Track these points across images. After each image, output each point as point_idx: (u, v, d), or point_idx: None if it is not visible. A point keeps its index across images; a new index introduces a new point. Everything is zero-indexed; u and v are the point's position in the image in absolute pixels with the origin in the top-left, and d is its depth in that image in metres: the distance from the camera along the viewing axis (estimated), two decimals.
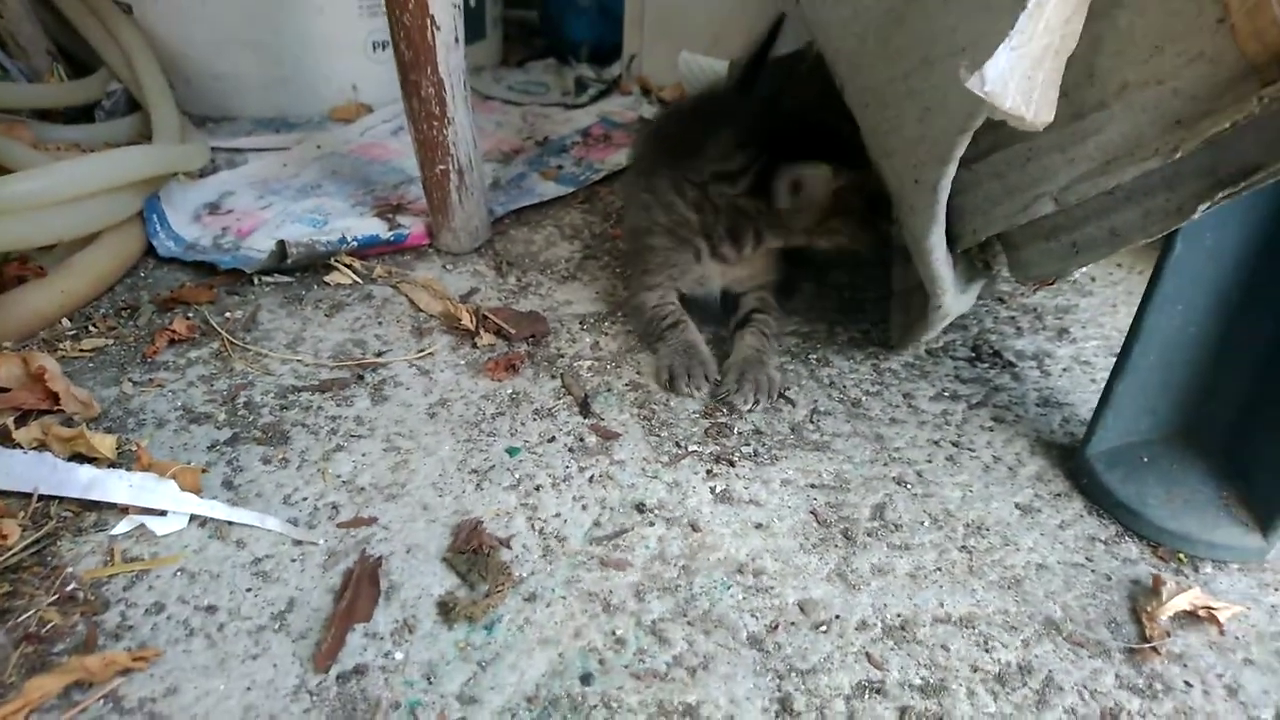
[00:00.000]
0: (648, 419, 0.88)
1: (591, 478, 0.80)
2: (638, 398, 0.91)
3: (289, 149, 1.39)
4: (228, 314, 0.99)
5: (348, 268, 1.08)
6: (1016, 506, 0.80)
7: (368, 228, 1.14)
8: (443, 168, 1.07)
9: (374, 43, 1.52)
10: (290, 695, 0.59)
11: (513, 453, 0.82)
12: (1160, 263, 0.73)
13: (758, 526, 0.76)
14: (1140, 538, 0.77)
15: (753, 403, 0.89)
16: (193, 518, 0.72)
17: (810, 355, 1.00)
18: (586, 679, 0.62)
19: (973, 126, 0.65)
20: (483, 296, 1.07)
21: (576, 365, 0.95)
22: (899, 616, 0.68)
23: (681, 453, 0.83)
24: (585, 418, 0.87)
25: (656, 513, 0.76)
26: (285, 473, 0.78)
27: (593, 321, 1.03)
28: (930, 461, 0.85)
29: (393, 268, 1.10)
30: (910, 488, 0.81)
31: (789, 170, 0.87)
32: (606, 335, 1.01)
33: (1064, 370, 1.00)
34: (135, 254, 1.06)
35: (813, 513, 0.77)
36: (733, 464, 0.82)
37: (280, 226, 1.16)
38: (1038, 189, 0.71)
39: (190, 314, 0.99)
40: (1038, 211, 0.71)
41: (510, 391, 0.90)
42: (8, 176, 0.92)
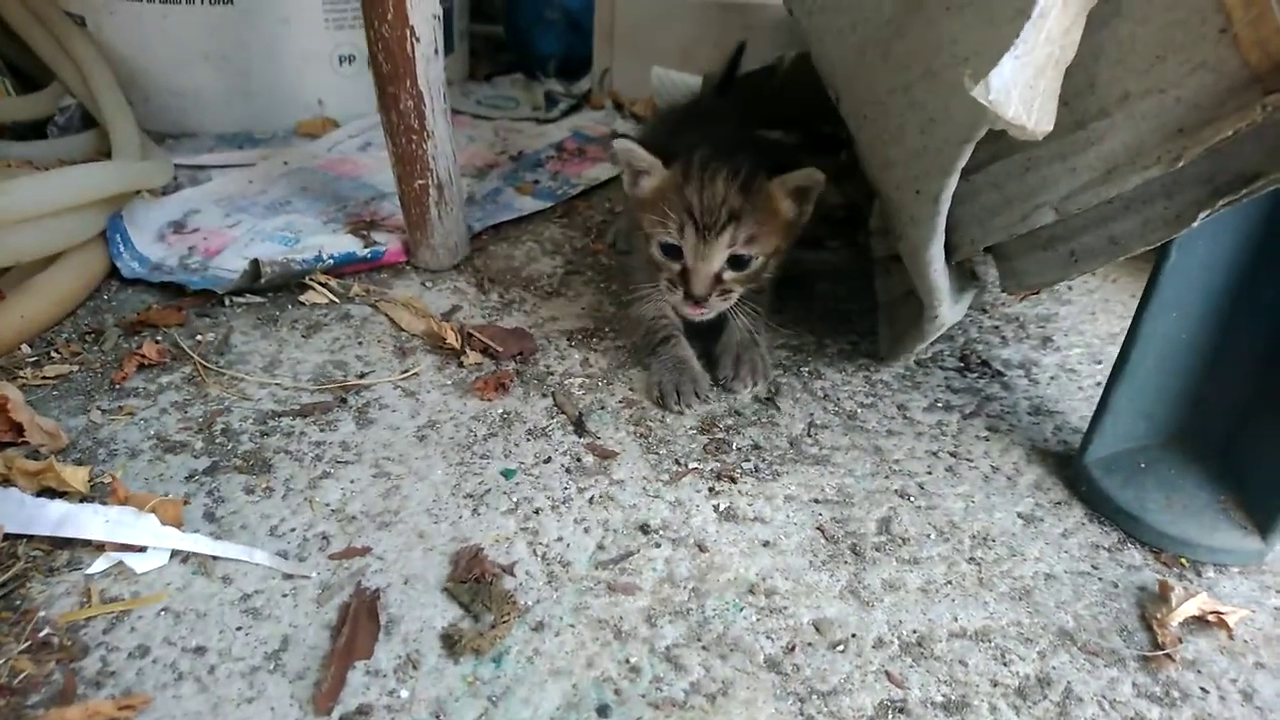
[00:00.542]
0: (644, 436, 0.86)
1: (592, 499, 0.78)
2: (633, 415, 0.89)
3: (254, 165, 1.35)
4: (199, 337, 0.95)
5: (324, 286, 1.04)
6: (1019, 516, 0.80)
7: (343, 245, 1.10)
8: (422, 182, 1.04)
9: (340, 56, 1.49)
10: None
11: (508, 475, 0.79)
12: (1156, 270, 0.74)
13: (765, 544, 0.74)
14: (1142, 543, 0.78)
15: (751, 385, 0.92)
16: (174, 553, 0.68)
17: (802, 368, 0.99)
18: (603, 710, 0.59)
19: (976, 136, 0.65)
20: (465, 314, 1.04)
21: (567, 383, 0.93)
22: (915, 633, 0.67)
23: (682, 470, 0.82)
24: (580, 437, 0.85)
25: (661, 533, 0.74)
26: (270, 502, 0.74)
27: (580, 338, 1.01)
28: (931, 473, 0.84)
29: (370, 286, 1.07)
30: (913, 500, 0.80)
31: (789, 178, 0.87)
32: (596, 351, 0.99)
33: (1051, 378, 1.01)
34: (98, 275, 1.01)
35: (819, 529, 0.76)
36: (734, 480, 0.81)
37: (250, 245, 1.11)
38: (1037, 199, 0.71)
39: (159, 337, 0.94)
40: (1038, 221, 0.71)
41: (501, 411, 0.88)
42: None
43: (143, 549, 0.68)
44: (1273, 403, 0.76)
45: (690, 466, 0.82)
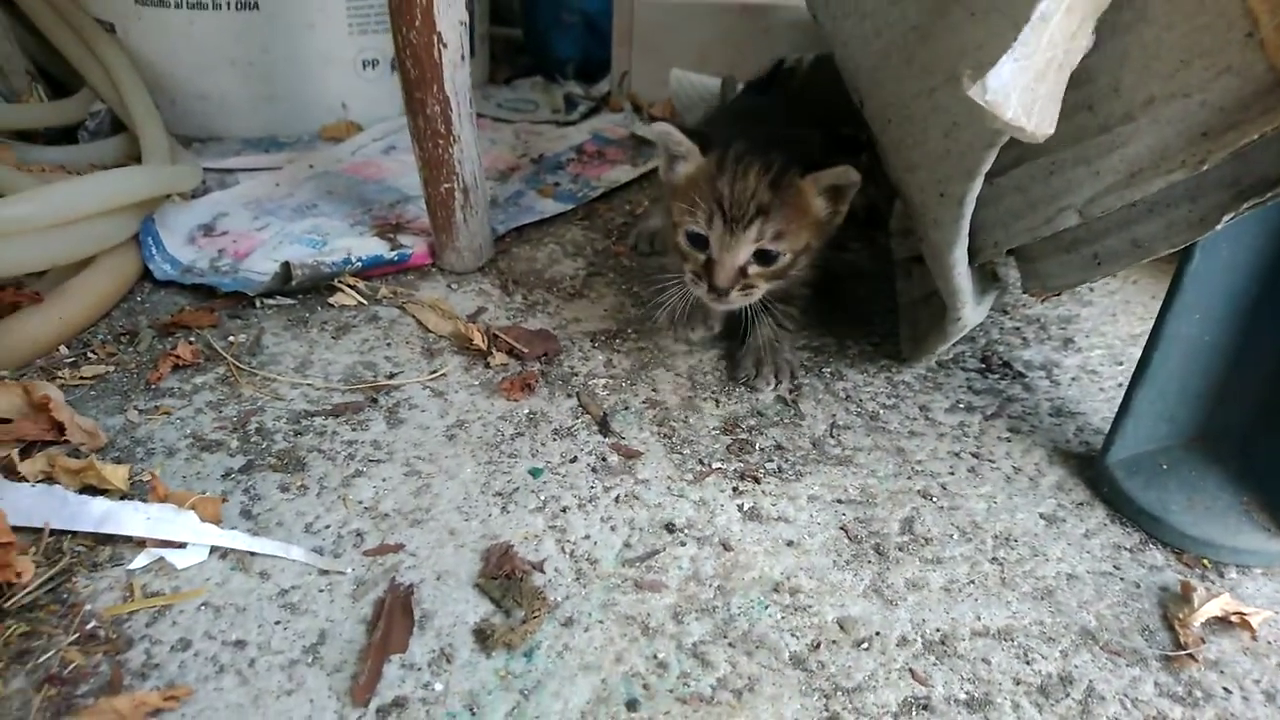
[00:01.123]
0: (668, 437, 0.87)
1: (617, 498, 0.79)
2: (656, 415, 0.90)
3: (281, 169, 1.37)
4: (231, 338, 0.97)
5: (352, 289, 1.06)
6: (1041, 517, 0.80)
7: (370, 248, 1.12)
8: (448, 186, 1.06)
9: (364, 61, 1.51)
10: None
11: (536, 474, 0.81)
12: (1179, 273, 0.74)
13: (789, 544, 0.75)
14: (1164, 544, 0.78)
15: (774, 384, 0.93)
16: (213, 549, 0.70)
17: (824, 369, 1.00)
18: (632, 705, 0.60)
19: (1000, 141, 0.66)
20: (491, 316, 1.05)
21: (591, 383, 0.94)
22: (938, 631, 0.68)
23: (706, 470, 0.83)
24: (605, 437, 0.86)
25: (686, 532, 0.75)
26: (305, 500, 0.76)
27: (604, 339, 1.02)
28: (953, 474, 0.85)
29: (397, 288, 1.09)
30: (936, 500, 0.81)
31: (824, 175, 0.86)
32: (619, 353, 1.00)
33: (1073, 379, 1.01)
34: (132, 278, 1.03)
35: (843, 528, 0.77)
36: (758, 480, 0.82)
37: (278, 247, 1.13)
38: (1061, 202, 0.72)
39: (192, 338, 0.96)
40: (1061, 224, 0.72)
41: (527, 411, 0.89)
42: (1, 200, 0.89)
43: (182, 545, 0.69)
44: None
45: (714, 466, 0.83)
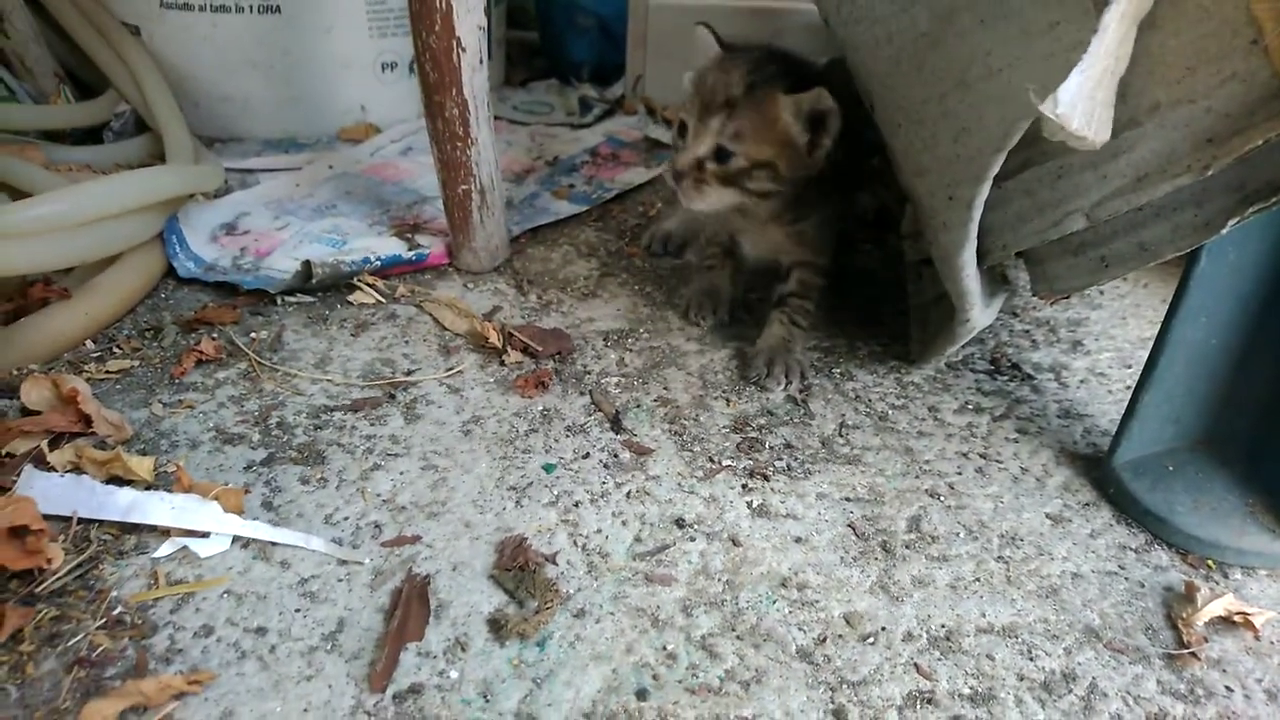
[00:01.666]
0: (679, 434, 0.88)
1: (629, 493, 0.80)
2: (667, 413, 0.91)
3: (301, 169, 1.40)
4: (253, 334, 0.99)
5: (370, 287, 1.08)
6: (1047, 516, 0.81)
7: (389, 247, 1.14)
8: (465, 188, 1.08)
9: (383, 63, 1.53)
10: (348, 716, 0.59)
11: (549, 469, 0.82)
12: (1185, 277, 0.75)
13: (797, 540, 0.76)
14: (1169, 545, 0.79)
15: (784, 384, 0.96)
16: (235, 539, 0.72)
17: (834, 369, 1.01)
18: (642, 694, 0.62)
19: (1009, 145, 0.67)
20: (506, 315, 1.07)
21: (604, 382, 0.96)
22: (943, 627, 0.69)
23: (716, 467, 0.84)
24: (617, 434, 0.88)
25: (696, 527, 0.77)
26: (325, 492, 0.78)
27: (616, 338, 1.04)
28: (960, 473, 0.86)
29: (415, 287, 1.11)
30: (943, 500, 0.82)
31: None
32: (631, 352, 1.02)
33: (1081, 382, 1.02)
34: (156, 275, 1.06)
35: (850, 526, 0.78)
36: (767, 478, 0.83)
37: (299, 246, 1.16)
38: (1069, 205, 0.73)
39: (215, 334, 0.98)
40: (1069, 227, 0.73)
41: (541, 408, 0.91)
42: (31, 199, 0.91)
43: (206, 535, 0.71)
44: None
45: (724, 464, 0.85)
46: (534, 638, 0.65)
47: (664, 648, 0.65)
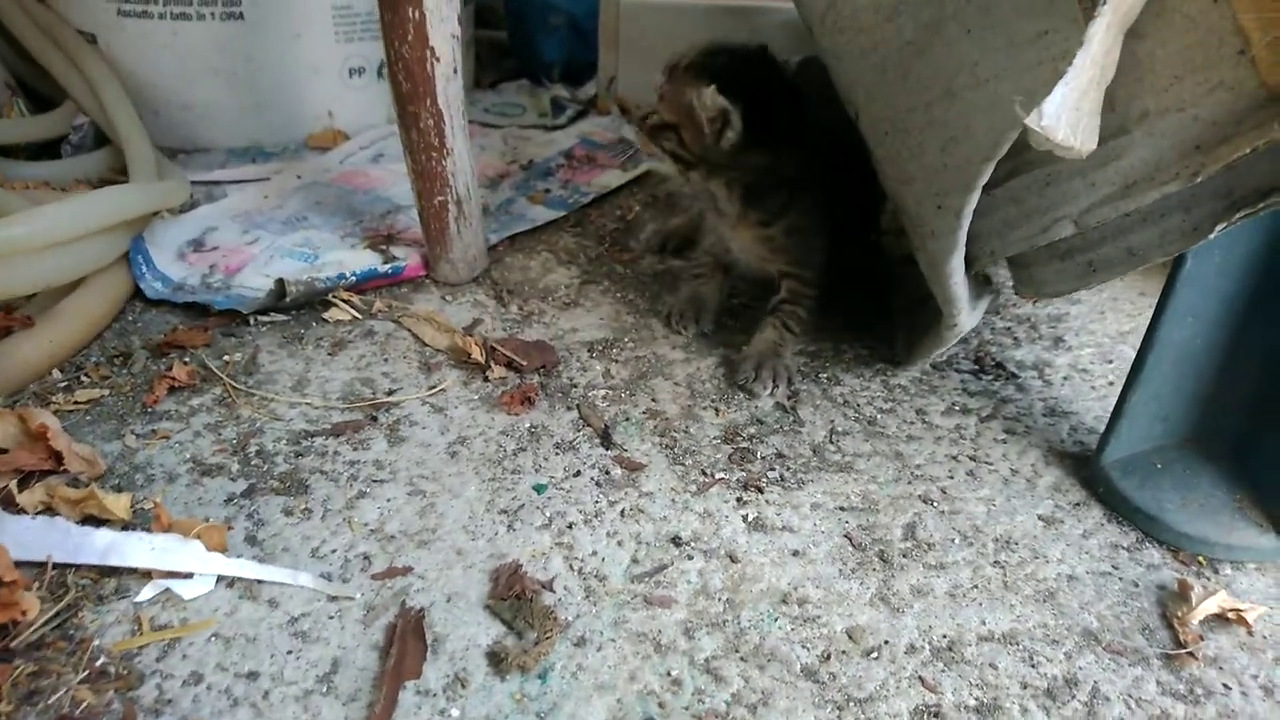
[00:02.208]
0: (670, 447, 0.87)
1: (622, 512, 0.79)
2: (657, 426, 0.90)
3: (268, 180, 1.36)
4: (226, 357, 0.96)
5: (346, 303, 1.05)
6: (1040, 518, 0.82)
7: (363, 261, 1.12)
8: (441, 199, 1.06)
9: (351, 68, 1.49)
10: None
11: (540, 490, 0.81)
12: (1172, 278, 0.76)
13: (795, 554, 0.76)
14: (1160, 543, 0.80)
15: (771, 388, 0.96)
16: (219, 578, 0.70)
17: (820, 374, 1.00)
18: None
19: (998, 155, 0.67)
20: (487, 328, 1.05)
21: (591, 395, 0.95)
22: (945, 637, 0.69)
23: (709, 480, 0.83)
24: (607, 449, 0.87)
25: (693, 545, 0.76)
26: (310, 524, 0.76)
27: (601, 349, 1.03)
28: (952, 477, 0.86)
29: (391, 301, 1.08)
30: (936, 505, 0.82)
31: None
32: (617, 362, 1.00)
33: (1064, 379, 1.03)
34: (123, 297, 1.02)
35: (846, 536, 0.78)
36: (761, 490, 0.82)
37: (270, 262, 1.13)
38: (1057, 212, 0.72)
39: (187, 358, 0.95)
40: (1057, 234, 0.73)
41: (529, 425, 0.89)
42: None
43: (189, 575, 0.69)
44: None
45: (717, 477, 0.84)
46: (535, 670, 0.64)
47: (668, 673, 0.65)
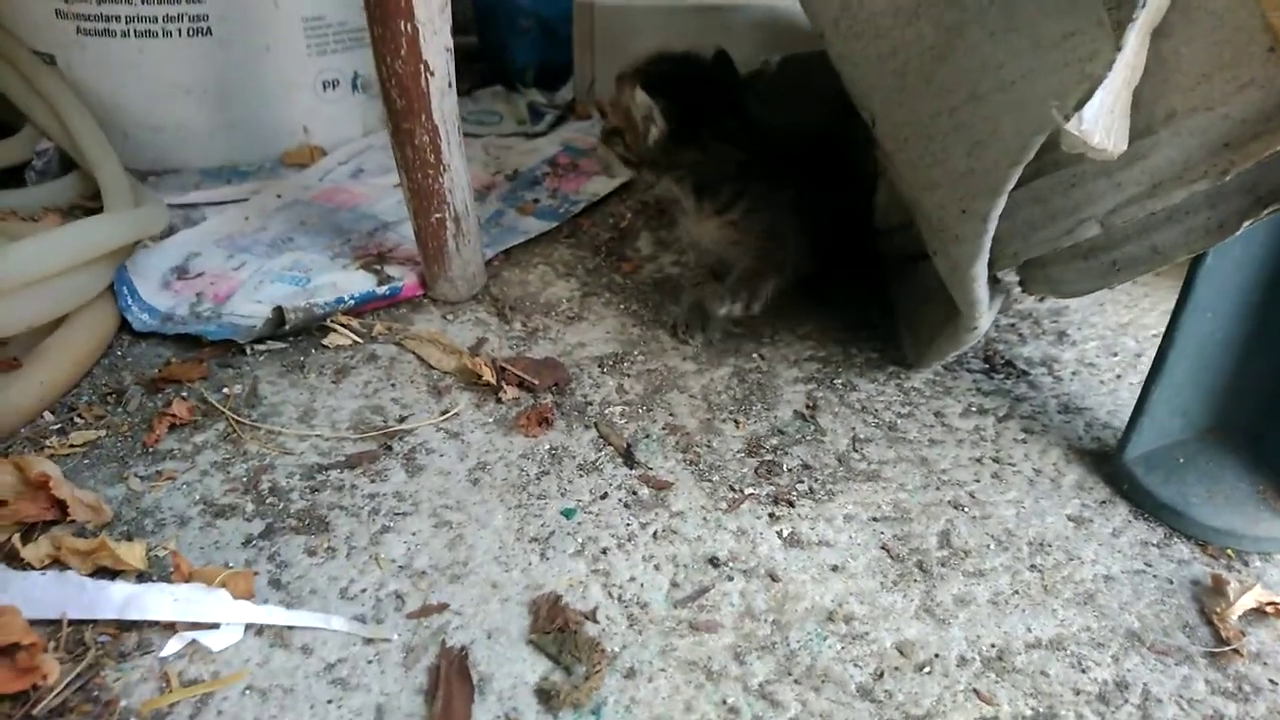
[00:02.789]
0: (694, 463, 0.86)
1: (655, 534, 0.78)
2: (679, 441, 0.89)
3: (248, 200, 1.31)
4: (225, 390, 0.93)
5: (346, 328, 1.02)
6: (1069, 518, 0.82)
7: (358, 283, 1.08)
8: (439, 216, 1.03)
9: (324, 82, 1.45)
10: None
11: (569, 514, 0.79)
12: (1192, 273, 0.76)
13: (835, 569, 0.75)
14: (1188, 537, 0.80)
15: (690, 333, 1.05)
16: (248, 626, 0.67)
17: (834, 380, 1.00)
18: None
19: (1026, 158, 0.66)
20: (493, 346, 1.03)
21: (608, 412, 0.93)
22: (994, 647, 0.69)
23: (739, 497, 0.82)
24: (631, 468, 0.85)
25: (731, 565, 0.75)
26: (335, 563, 0.73)
27: (611, 363, 1.01)
28: (978, 481, 0.86)
29: (391, 323, 1.05)
30: (967, 510, 0.82)
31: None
32: (629, 377, 0.99)
33: (1073, 374, 1.03)
34: (110, 331, 0.98)
35: (884, 548, 0.77)
36: (792, 504, 0.81)
37: (260, 287, 1.09)
38: (1082, 213, 0.72)
39: (185, 393, 0.91)
40: (1082, 235, 0.73)
41: (548, 447, 0.87)
42: None
43: (215, 625, 0.66)
44: None
45: (746, 492, 0.83)
46: (588, 706, 0.62)
47: (724, 701, 0.63)
